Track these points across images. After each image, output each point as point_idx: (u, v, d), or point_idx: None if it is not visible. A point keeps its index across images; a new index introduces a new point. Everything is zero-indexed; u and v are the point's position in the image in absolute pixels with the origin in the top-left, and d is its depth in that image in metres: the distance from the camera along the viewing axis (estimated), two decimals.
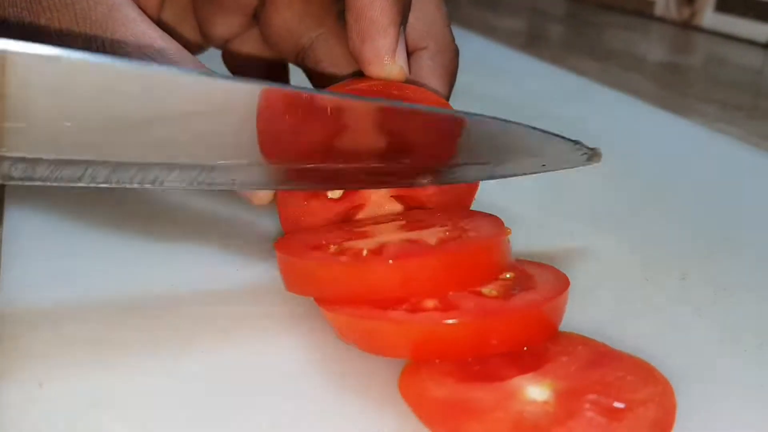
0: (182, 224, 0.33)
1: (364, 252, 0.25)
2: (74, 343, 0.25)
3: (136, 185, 0.26)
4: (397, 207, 0.29)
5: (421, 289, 0.24)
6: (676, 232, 0.35)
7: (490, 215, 0.28)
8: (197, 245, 0.31)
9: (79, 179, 0.25)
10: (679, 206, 0.38)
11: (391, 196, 0.29)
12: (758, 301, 0.29)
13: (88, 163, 0.24)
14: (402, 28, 0.29)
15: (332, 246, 0.26)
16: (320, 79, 0.34)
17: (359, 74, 0.30)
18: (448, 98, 0.32)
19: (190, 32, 0.36)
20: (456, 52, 0.33)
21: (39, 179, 0.24)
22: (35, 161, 0.24)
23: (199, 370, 0.24)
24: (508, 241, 0.26)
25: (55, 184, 0.24)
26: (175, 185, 0.26)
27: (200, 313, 0.27)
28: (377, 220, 0.29)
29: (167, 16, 0.34)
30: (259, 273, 0.29)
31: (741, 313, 0.28)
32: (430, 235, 0.26)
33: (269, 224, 0.33)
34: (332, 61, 0.34)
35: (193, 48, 0.36)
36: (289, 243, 0.27)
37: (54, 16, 0.26)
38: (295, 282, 0.26)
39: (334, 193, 0.28)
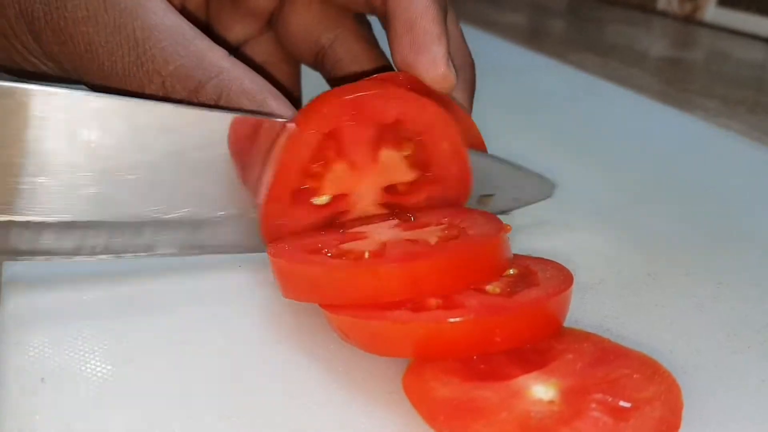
0: None
1: (366, 254, 0.24)
2: (76, 338, 0.25)
3: (130, 254, 0.26)
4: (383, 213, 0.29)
5: (426, 290, 0.23)
6: (678, 228, 0.35)
7: (484, 212, 0.27)
8: None
9: (79, 249, 0.26)
10: (682, 201, 0.38)
11: (379, 204, 0.28)
12: (761, 297, 0.29)
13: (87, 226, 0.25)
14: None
15: (329, 250, 0.25)
16: (339, 79, 0.34)
17: (381, 70, 0.30)
18: (470, 112, 0.32)
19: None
20: (473, 66, 0.33)
21: (41, 252, 0.25)
22: (40, 226, 0.24)
23: (200, 368, 0.24)
24: (507, 238, 0.26)
25: (57, 256, 0.25)
26: (167, 250, 0.27)
27: (201, 312, 0.27)
28: (368, 221, 0.28)
29: None
30: (261, 271, 0.29)
31: (744, 308, 0.28)
32: (429, 234, 0.25)
33: None
34: (353, 59, 0.34)
35: None
36: (284, 248, 0.26)
37: (81, 3, 0.26)
38: (293, 288, 0.25)
39: (320, 199, 0.27)
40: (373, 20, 0.34)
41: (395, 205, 0.28)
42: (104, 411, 0.22)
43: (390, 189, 0.28)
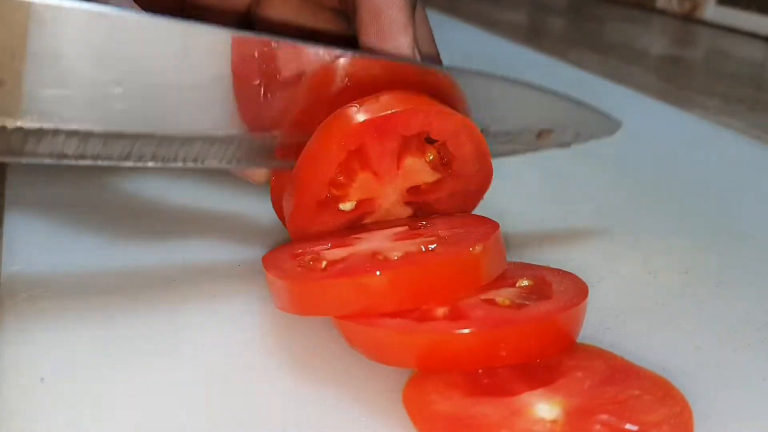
0: (184, 221, 0.33)
1: (323, 264, 0.24)
2: (76, 338, 0.25)
3: (179, 164, 0.26)
4: (407, 212, 0.29)
5: (365, 305, 0.23)
6: (677, 226, 0.35)
7: (489, 221, 0.27)
8: (199, 244, 0.31)
9: (128, 156, 0.25)
10: (681, 200, 0.38)
11: (404, 203, 0.29)
12: (761, 295, 0.29)
13: (136, 138, 0.25)
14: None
15: (302, 260, 0.25)
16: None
17: None
18: None
19: None
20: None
21: (91, 156, 0.24)
22: (87, 135, 0.24)
23: (200, 367, 0.24)
24: (488, 251, 0.24)
25: (104, 163, 0.25)
26: (215, 164, 0.26)
27: (201, 311, 0.27)
28: (381, 225, 0.28)
29: None
30: (261, 271, 0.29)
31: (743, 306, 0.28)
32: (407, 246, 0.25)
33: (278, 222, 0.33)
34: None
35: None
36: (275, 254, 0.26)
37: None
38: (274, 297, 0.25)
39: (346, 205, 0.28)
40: None
41: (418, 202, 0.29)
42: (104, 411, 0.22)
43: (413, 189, 0.29)
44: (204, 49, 0.25)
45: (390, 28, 0.28)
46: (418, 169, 0.28)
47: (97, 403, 0.22)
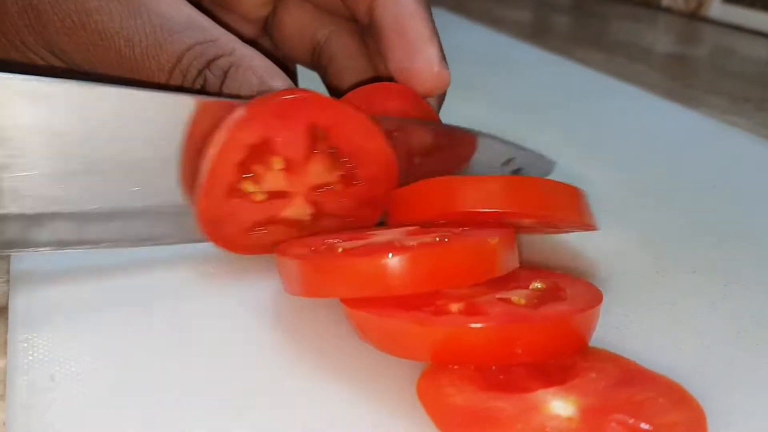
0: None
1: (339, 249, 0.24)
2: (85, 336, 0.25)
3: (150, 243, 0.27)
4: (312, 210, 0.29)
5: (381, 287, 0.23)
6: (685, 225, 0.35)
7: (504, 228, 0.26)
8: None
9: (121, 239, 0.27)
10: (688, 199, 0.38)
11: (311, 201, 0.28)
12: None
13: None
14: None
15: (318, 246, 0.25)
16: (336, 77, 0.34)
17: (377, 80, 0.30)
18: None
19: None
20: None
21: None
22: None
23: (209, 362, 0.24)
24: (503, 243, 0.24)
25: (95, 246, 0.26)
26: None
27: (208, 308, 0.27)
28: (391, 226, 0.28)
29: None
30: (269, 268, 0.29)
31: (752, 306, 0.28)
32: (421, 238, 0.25)
33: None
34: (347, 54, 0.34)
35: None
36: (287, 243, 0.27)
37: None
38: (285, 281, 0.26)
39: (257, 196, 0.28)
40: None
41: (325, 201, 0.29)
42: (113, 409, 0.22)
43: (321, 186, 0.28)
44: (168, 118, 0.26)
45: (416, 42, 0.29)
46: (324, 164, 0.28)
47: (108, 400, 0.22)
